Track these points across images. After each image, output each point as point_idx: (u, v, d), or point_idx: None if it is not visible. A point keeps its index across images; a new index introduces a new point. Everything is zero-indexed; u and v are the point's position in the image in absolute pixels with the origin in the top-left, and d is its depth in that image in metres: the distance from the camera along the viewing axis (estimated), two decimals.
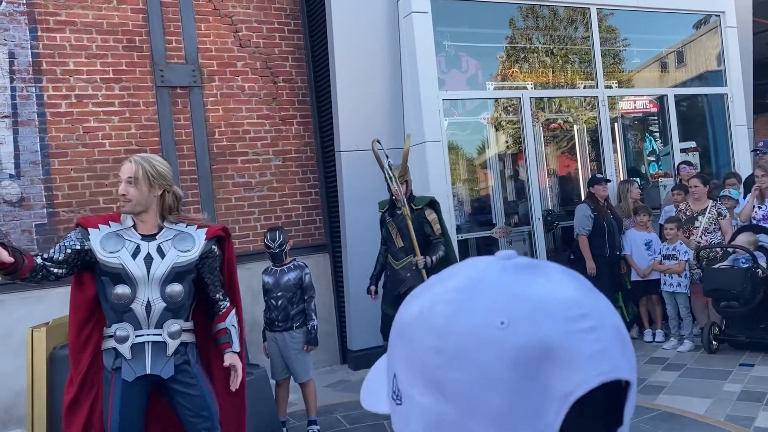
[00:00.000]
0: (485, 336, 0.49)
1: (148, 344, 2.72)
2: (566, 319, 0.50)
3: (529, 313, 0.50)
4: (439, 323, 0.52)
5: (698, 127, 8.55)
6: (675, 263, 6.00)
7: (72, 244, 2.69)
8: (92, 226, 2.77)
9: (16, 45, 5.63)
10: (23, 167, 5.62)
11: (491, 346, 0.49)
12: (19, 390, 4.94)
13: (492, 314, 0.50)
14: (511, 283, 0.52)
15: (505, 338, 0.49)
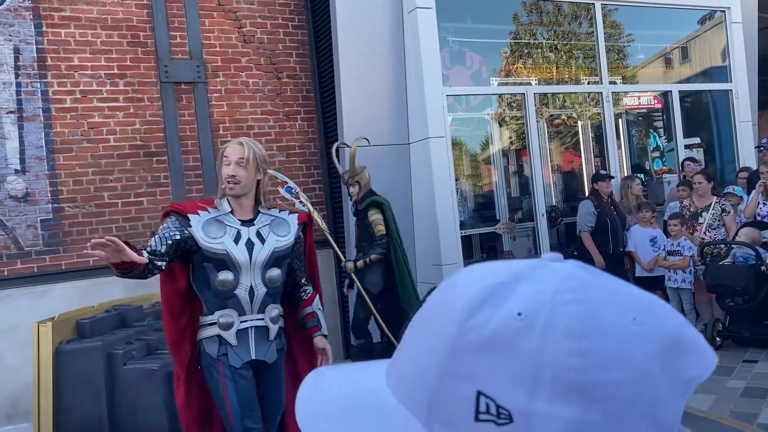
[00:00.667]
0: (630, 331, 0.49)
1: (251, 329, 2.71)
2: (669, 312, 0.52)
3: (646, 308, 0.51)
4: (576, 325, 0.48)
5: (702, 123, 8.53)
6: (679, 259, 6.00)
7: (171, 234, 2.62)
8: (191, 212, 2.71)
9: (21, 41, 5.64)
10: (28, 162, 5.64)
11: (637, 342, 0.48)
12: (25, 384, 4.96)
13: (624, 310, 0.50)
14: (601, 278, 0.52)
15: (646, 332, 0.49)
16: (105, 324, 3.94)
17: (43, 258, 5.62)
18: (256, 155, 2.73)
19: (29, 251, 5.58)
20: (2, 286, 5.41)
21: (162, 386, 3.65)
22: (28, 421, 4.89)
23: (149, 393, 3.65)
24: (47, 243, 5.64)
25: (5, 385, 5.27)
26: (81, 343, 3.76)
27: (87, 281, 5.61)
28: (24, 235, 5.58)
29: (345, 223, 6.39)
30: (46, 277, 5.57)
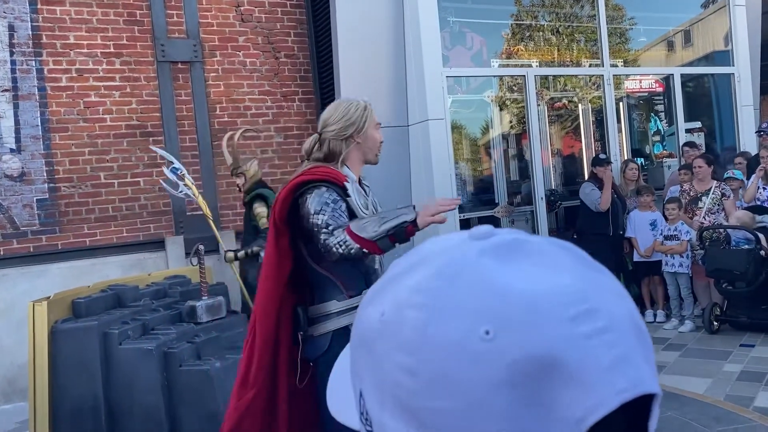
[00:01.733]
0: (468, 351, 0.39)
1: None
2: (568, 320, 0.39)
3: (517, 318, 0.39)
4: (408, 336, 0.41)
5: (704, 108, 8.48)
6: (677, 243, 5.98)
7: (342, 206, 2.38)
8: (343, 179, 2.42)
9: (15, 18, 5.57)
10: (24, 141, 5.59)
11: (477, 364, 0.38)
12: (21, 363, 4.96)
13: (474, 321, 0.39)
14: (492, 275, 0.41)
15: (494, 352, 0.38)
16: (101, 304, 3.92)
17: (39, 238, 5.60)
18: None
19: (25, 231, 5.56)
20: None
21: (157, 366, 3.64)
22: (24, 400, 4.90)
23: (145, 373, 3.64)
24: (43, 223, 5.62)
25: (1, 364, 5.28)
26: (76, 323, 3.74)
27: (83, 261, 5.60)
28: (20, 214, 5.55)
29: None
30: (42, 257, 5.55)
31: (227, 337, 4.07)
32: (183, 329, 3.88)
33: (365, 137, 2.53)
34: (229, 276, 5.89)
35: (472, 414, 0.39)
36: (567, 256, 0.44)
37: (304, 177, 2.39)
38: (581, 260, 0.44)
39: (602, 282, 0.43)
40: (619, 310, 0.41)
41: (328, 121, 2.52)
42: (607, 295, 0.42)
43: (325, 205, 2.34)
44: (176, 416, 3.67)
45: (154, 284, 4.34)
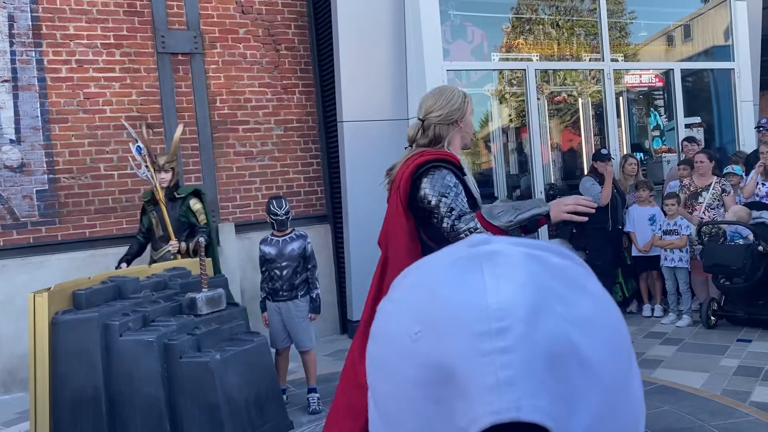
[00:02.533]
0: (399, 347, 0.43)
1: None
2: (475, 334, 0.40)
3: (439, 324, 0.41)
4: (375, 325, 0.47)
5: (704, 103, 8.48)
6: (677, 238, 6.00)
7: (461, 190, 2.48)
8: (458, 159, 2.57)
9: (15, 8, 5.55)
10: (23, 132, 5.59)
11: (403, 360, 0.42)
12: (21, 354, 4.97)
13: (413, 321, 0.43)
14: (447, 281, 0.43)
15: (414, 352, 0.42)
16: (101, 295, 3.93)
17: (39, 229, 5.60)
18: None
19: (25, 222, 5.56)
20: None
21: (158, 358, 3.65)
22: (24, 391, 4.91)
23: (145, 364, 3.65)
24: (43, 214, 5.62)
25: (2, 355, 5.29)
26: (77, 314, 3.74)
27: (83, 253, 5.60)
28: (20, 205, 5.55)
29: (342, 199, 6.36)
30: (42, 248, 5.55)
31: (227, 329, 4.08)
32: (183, 321, 3.90)
33: (466, 122, 2.64)
34: (229, 268, 5.90)
35: (399, 401, 0.43)
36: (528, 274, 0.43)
37: (424, 158, 2.46)
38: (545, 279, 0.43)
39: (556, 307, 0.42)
40: (540, 337, 0.40)
41: (432, 107, 2.61)
42: (546, 320, 0.41)
43: (448, 189, 2.42)
44: (176, 408, 3.69)
45: (155, 276, 4.35)
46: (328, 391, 4.74)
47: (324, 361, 5.44)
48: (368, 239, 6.24)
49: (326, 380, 4.91)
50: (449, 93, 2.64)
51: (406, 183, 2.46)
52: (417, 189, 2.48)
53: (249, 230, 6.23)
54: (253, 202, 6.39)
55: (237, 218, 6.31)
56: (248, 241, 6.15)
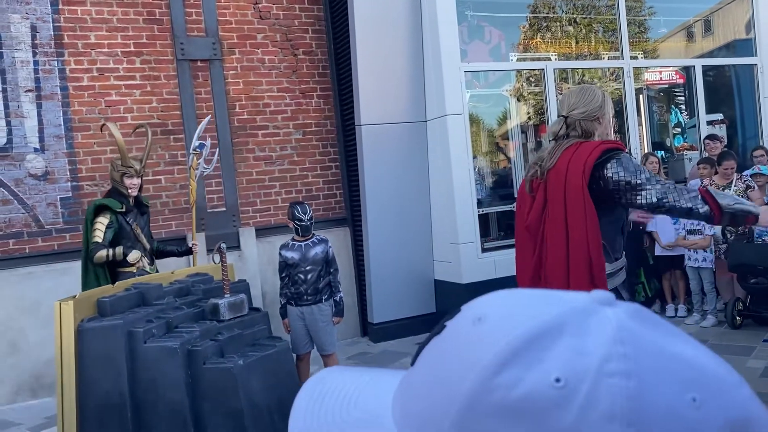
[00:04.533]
0: (686, 418, 0.41)
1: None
2: (737, 385, 0.43)
3: (708, 383, 0.42)
4: (621, 405, 0.40)
5: (725, 99, 8.36)
6: (700, 238, 5.93)
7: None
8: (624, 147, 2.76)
9: (38, 18, 5.64)
10: (47, 141, 5.67)
11: (694, 428, 0.41)
12: (48, 359, 5.05)
13: (680, 389, 0.41)
14: (661, 341, 0.43)
15: (706, 418, 0.41)
16: (125, 302, 3.98)
17: (63, 236, 5.68)
18: None
19: (50, 229, 5.64)
20: (24, 264, 5.49)
21: (182, 364, 3.68)
22: (51, 396, 4.99)
23: (169, 370, 3.69)
24: (67, 221, 5.70)
25: (29, 360, 5.37)
26: (102, 322, 3.79)
27: None
28: (44, 213, 5.63)
29: (361, 202, 6.38)
30: (66, 255, 5.63)
31: (249, 334, 4.11)
32: (206, 327, 3.93)
33: (606, 119, 2.78)
34: (251, 273, 5.94)
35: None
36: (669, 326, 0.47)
37: (604, 146, 2.63)
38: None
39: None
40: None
41: (575, 104, 2.78)
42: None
43: (640, 166, 2.61)
44: (200, 413, 3.72)
45: (177, 282, 4.39)
46: None
47: (345, 364, 5.45)
48: (387, 241, 6.26)
49: None
50: (591, 91, 2.81)
51: (587, 169, 2.61)
52: (600, 177, 2.61)
53: (269, 234, 6.27)
54: (273, 206, 6.42)
55: (257, 222, 6.35)
56: (269, 245, 6.19)
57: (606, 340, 0.42)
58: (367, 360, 5.78)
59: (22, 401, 5.35)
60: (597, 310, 0.44)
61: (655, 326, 0.44)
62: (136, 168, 4.67)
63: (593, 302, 0.44)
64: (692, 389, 0.41)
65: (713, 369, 0.43)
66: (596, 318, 0.43)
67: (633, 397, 0.40)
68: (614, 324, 0.43)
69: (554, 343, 0.42)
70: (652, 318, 0.45)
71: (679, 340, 0.44)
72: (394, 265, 6.28)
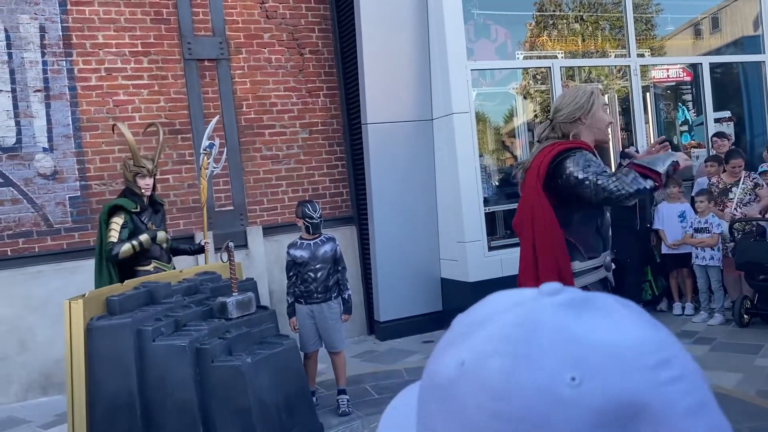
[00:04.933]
0: (556, 396, 0.41)
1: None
2: (648, 368, 0.42)
3: (603, 365, 0.42)
4: (495, 382, 0.43)
5: (733, 96, 8.33)
6: (708, 236, 5.91)
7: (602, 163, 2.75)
8: (590, 147, 2.83)
9: (46, 19, 5.67)
10: (56, 141, 5.71)
11: (565, 408, 0.41)
12: (57, 358, 5.09)
13: (559, 369, 0.42)
14: (570, 326, 0.44)
15: (581, 398, 0.41)
16: (134, 301, 4.00)
17: (72, 235, 5.72)
18: None
19: (59, 228, 5.68)
20: (33, 263, 5.53)
21: (190, 362, 3.71)
22: (60, 393, 5.03)
23: (178, 368, 3.71)
24: (75, 220, 5.74)
25: (38, 358, 5.41)
26: (111, 320, 3.82)
27: None
28: (53, 212, 5.67)
29: (368, 200, 6.39)
30: (75, 254, 5.67)
31: (257, 332, 4.13)
32: (214, 325, 3.95)
33: (593, 118, 2.80)
34: (258, 271, 5.97)
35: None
36: (631, 312, 0.46)
37: (562, 146, 2.73)
38: (644, 316, 0.46)
39: (668, 335, 0.46)
40: (689, 361, 0.45)
41: (558, 107, 2.86)
42: (678, 348, 0.45)
43: (591, 161, 2.67)
44: (209, 411, 3.75)
45: (186, 281, 4.42)
46: (358, 392, 4.78)
47: (352, 363, 5.47)
48: (394, 240, 6.27)
49: (355, 382, 4.94)
50: (574, 92, 2.85)
51: (542, 169, 2.72)
52: (559, 175, 2.71)
53: (276, 233, 6.30)
54: (280, 205, 6.44)
55: (264, 221, 6.37)
56: (276, 243, 6.21)
57: (504, 324, 0.45)
58: (373, 358, 5.80)
59: (32, 399, 5.39)
60: (534, 300, 0.46)
61: (584, 312, 0.44)
62: (148, 168, 4.64)
63: (538, 294, 0.47)
64: (575, 368, 0.41)
65: (618, 350, 0.42)
66: (521, 308, 0.46)
67: (504, 373, 0.43)
68: (526, 311, 0.45)
69: (478, 331, 0.46)
70: (589, 305, 0.45)
71: (604, 324, 0.44)
72: (400, 264, 6.30)
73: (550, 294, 0.46)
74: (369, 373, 5.22)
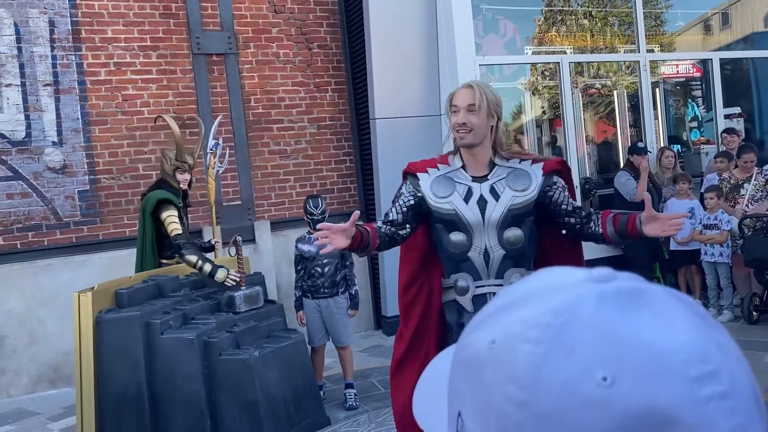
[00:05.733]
0: (584, 394, 0.39)
1: (489, 296, 2.42)
2: (690, 380, 0.39)
3: (639, 368, 0.39)
4: (521, 370, 0.41)
5: (743, 92, 8.28)
6: (717, 233, 5.88)
7: (407, 201, 2.50)
8: (421, 170, 2.56)
9: (55, 13, 5.69)
10: (65, 135, 5.73)
11: (592, 409, 0.38)
12: (66, 351, 5.12)
13: (592, 366, 0.39)
14: (613, 321, 0.41)
15: (610, 399, 0.38)
16: (142, 294, 4.02)
17: (81, 228, 5.74)
18: (489, 99, 2.44)
19: (68, 222, 5.71)
20: (43, 256, 5.56)
21: (199, 355, 3.73)
22: (69, 386, 5.06)
23: (186, 361, 3.73)
24: (85, 214, 5.76)
25: (47, 351, 5.44)
26: (119, 313, 3.84)
27: (124, 251, 5.71)
28: (62, 206, 5.70)
29: (375, 196, 6.39)
30: (84, 247, 5.70)
31: (265, 326, 4.15)
32: (222, 319, 3.97)
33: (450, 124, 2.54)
34: (266, 266, 5.98)
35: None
36: (686, 310, 0.43)
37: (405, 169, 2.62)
38: (699, 315, 0.43)
39: (723, 342, 0.42)
40: (740, 376, 0.41)
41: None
42: (729, 358, 0.41)
43: (398, 196, 2.56)
44: (216, 404, 3.76)
45: (194, 274, 4.43)
46: (365, 386, 4.79)
47: (359, 357, 5.48)
48: None
49: (362, 376, 4.95)
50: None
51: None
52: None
53: (284, 228, 6.31)
54: (288, 200, 6.45)
55: (272, 216, 6.38)
56: (284, 238, 6.22)
57: (542, 311, 0.42)
58: (380, 353, 5.81)
59: (41, 391, 5.43)
60: (580, 285, 0.44)
61: (630, 306, 0.42)
62: (189, 163, 4.59)
63: (587, 278, 0.44)
64: (608, 367, 0.39)
65: (658, 354, 0.39)
66: (565, 293, 0.43)
67: (532, 363, 0.41)
68: (569, 296, 0.43)
69: (515, 311, 0.44)
70: (639, 298, 0.42)
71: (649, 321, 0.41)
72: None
73: (600, 281, 0.44)
74: (376, 368, 5.22)
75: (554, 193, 2.49)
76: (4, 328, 5.36)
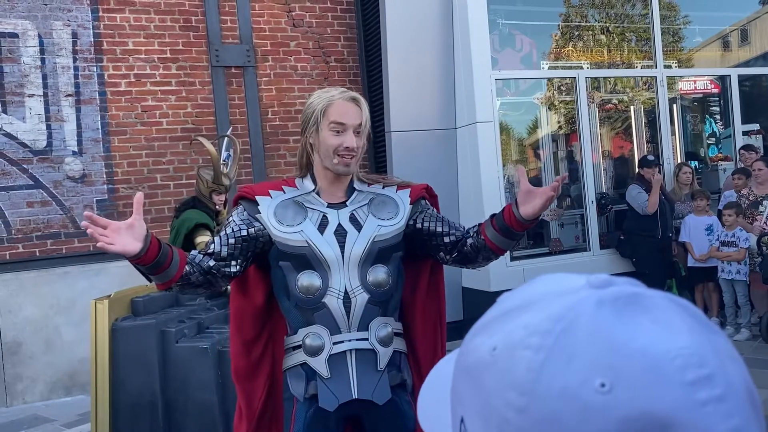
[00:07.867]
0: (583, 401, 0.39)
1: (351, 354, 1.90)
2: (686, 384, 0.39)
3: (636, 374, 0.39)
4: (521, 376, 0.42)
5: (762, 109, 8.21)
6: (735, 250, 5.82)
7: (237, 229, 1.94)
8: (261, 193, 2.00)
9: (78, 25, 5.79)
10: (85, 144, 5.81)
11: (590, 415, 0.39)
12: (81, 358, 5.16)
13: (590, 373, 0.40)
14: (610, 327, 0.41)
15: (608, 405, 0.39)
16: (158, 303, 4.05)
17: None
18: (368, 118, 2.03)
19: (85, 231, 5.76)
20: (61, 264, 5.62)
21: (213, 364, 3.74)
22: (84, 393, 5.10)
23: (200, 370, 3.75)
24: None
25: (63, 358, 5.49)
26: (135, 321, 3.87)
27: None
28: (81, 215, 5.77)
29: None
30: (101, 256, 5.75)
31: None
32: None
33: (319, 139, 1.98)
34: None
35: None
36: (684, 314, 0.44)
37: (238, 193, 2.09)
38: (697, 319, 0.44)
39: (719, 345, 0.43)
40: (735, 378, 0.41)
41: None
42: (725, 361, 0.42)
43: (224, 225, 2.01)
44: (229, 413, 3.76)
45: None
46: None
47: None
48: None
49: None
50: (310, 98, 2.08)
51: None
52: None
53: None
54: None
55: None
56: None
57: (543, 318, 0.43)
58: None
59: (56, 398, 5.47)
60: (579, 291, 0.45)
61: (628, 312, 0.42)
62: (225, 185, 4.51)
63: (585, 285, 0.45)
64: (606, 374, 0.40)
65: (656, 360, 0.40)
66: (564, 299, 0.44)
67: (532, 369, 0.42)
68: (568, 303, 0.43)
69: (516, 318, 0.45)
70: (637, 303, 0.43)
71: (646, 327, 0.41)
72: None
73: (598, 286, 0.44)
74: None
75: (425, 218, 2.05)
76: (21, 334, 5.42)
